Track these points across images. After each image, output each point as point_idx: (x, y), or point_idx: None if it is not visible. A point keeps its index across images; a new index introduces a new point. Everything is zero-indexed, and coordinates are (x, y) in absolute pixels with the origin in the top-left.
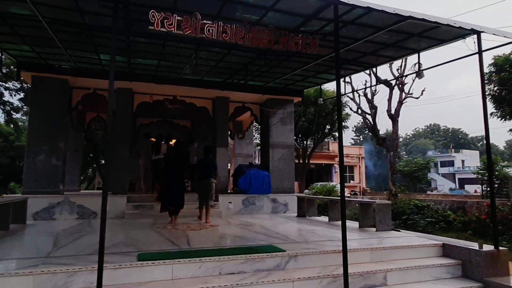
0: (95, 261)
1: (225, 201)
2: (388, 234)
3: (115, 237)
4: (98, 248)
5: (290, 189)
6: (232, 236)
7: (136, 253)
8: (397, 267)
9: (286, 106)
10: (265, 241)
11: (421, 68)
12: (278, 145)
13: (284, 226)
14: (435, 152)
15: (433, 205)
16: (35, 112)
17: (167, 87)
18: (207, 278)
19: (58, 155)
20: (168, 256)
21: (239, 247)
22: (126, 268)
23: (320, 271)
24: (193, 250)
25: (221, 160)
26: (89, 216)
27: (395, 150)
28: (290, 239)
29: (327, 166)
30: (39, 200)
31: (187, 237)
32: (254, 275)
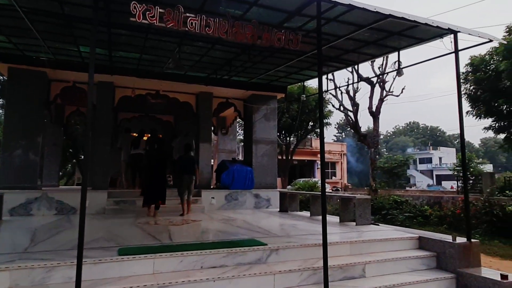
0: (74, 256)
1: (208, 197)
2: (367, 228)
3: (95, 233)
4: (78, 243)
5: (273, 185)
6: (215, 231)
7: (116, 248)
8: (375, 259)
9: (269, 102)
10: (247, 235)
11: (401, 66)
12: (262, 141)
13: (266, 221)
14: (414, 149)
15: (411, 200)
16: (12, 106)
17: (149, 81)
18: (188, 272)
19: (36, 150)
20: (149, 250)
21: (221, 241)
22: (107, 262)
23: (301, 264)
24: (175, 245)
25: (204, 155)
26: (68, 211)
27: (376, 147)
28: (272, 233)
29: (310, 162)
30: (16, 196)
31: (169, 232)
32: (236, 268)
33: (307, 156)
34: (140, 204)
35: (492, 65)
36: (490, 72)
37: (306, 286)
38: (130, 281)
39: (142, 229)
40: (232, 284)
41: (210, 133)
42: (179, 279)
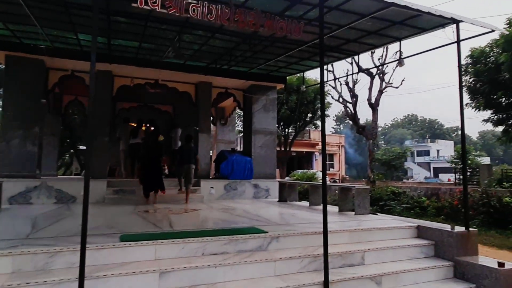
0: (76, 242)
1: (207, 186)
2: (366, 217)
3: (96, 220)
4: (81, 228)
5: (272, 175)
6: (215, 219)
7: (118, 235)
8: (374, 247)
9: (269, 92)
10: (247, 223)
11: (402, 57)
12: (261, 131)
13: (265, 210)
14: (412, 142)
15: (409, 191)
16: (9, 94)
17: (148, 70)
18: (190, 258)
19: (34, 139)
20: (151, 237)
21: (222, 229)
22: (109, 248)
23: (301, 252)
24: (176, 232)
25: (204, 145)
26: (68, 200)
27: (374, 139)
28: (272, 221)
29: (308, 154)
30: (15, 184)
31: (169, 220)
32: (237, 255)
33: (305, 148)
34: (140, 193)
35: (492, 57)
36: (490, 64)
37: (306, 273)
38: (133, 267)
39: (143, 217)
40: (233, 270)
41: (209, 123)
42: (181, 265)
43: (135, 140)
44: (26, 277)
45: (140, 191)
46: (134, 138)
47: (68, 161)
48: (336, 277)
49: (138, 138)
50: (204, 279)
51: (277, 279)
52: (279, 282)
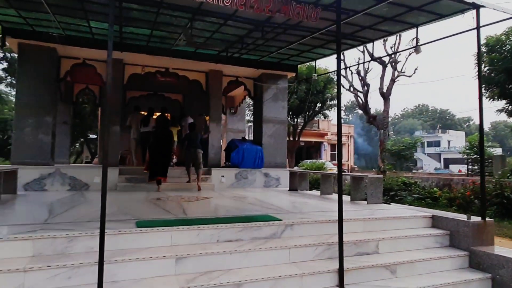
0: (93, 227)
1: (218, 175)
2: (379, 206)
3: (110, 207)
4: (100, 213)
5: (283, 164)
6: (228, 207)
7: (134, 221)
8: (389, 236)
9: (279, 81)
10: (260, 211)
11: (418, 43)
12: (271, 120)
13: (277, 198)
14: (423, 133)
15: (420, 182)
16: (22, 83)
17: (159, 58)
18: (205, 245)
19: (47, 127)
20: (166, 223)
21: (236, 216)
22: (126, 234)
23: (315, 240)
24: (191, 219)
25: (214, 134)
26: (81, 187)
27: (386, 128)
28: (285, 210)
29: (317, 143)
30: (30, 171)
31: (182, 207)
32: (252, 242)
33: (314, 138)
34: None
35: (508, 45)
36: (506, 53)
37: (320, 261)
38: (149, 252)
39: (156, 205)
40: (248, 257)
41: (219, 112)
42: (197, 251)
43: (146, 129)
44: (46, 261)
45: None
46: (145, 127)
47: (78, 150)
48: (350, 265)
49: (149, 126)
50: (219, 265)
51: (292, 266)
52: (294, 269)
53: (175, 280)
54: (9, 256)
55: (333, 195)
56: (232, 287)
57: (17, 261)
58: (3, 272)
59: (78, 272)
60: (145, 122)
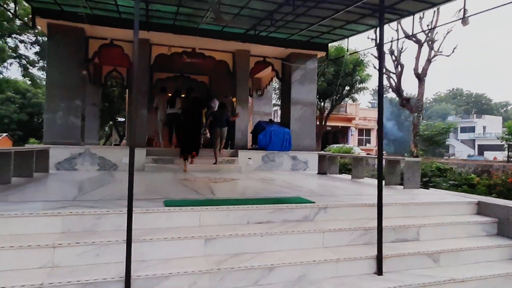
0: (121, 205)
1: (245, 157)
2: (417, 191)
3: (138, 186)
4: (127, 192)
5: (311, 147)
6: (256, 189)
7: (162, 200)
8: (430, 222)
9: (309, 61)
10: (291, 194)
11: (466, 15)
12: (300, 102)
13: (307, 181)
14: (456, 118)
15: (456, 168)
16: (52, 64)
17: (185, 38)
18: (235, 226)
19: (77, 107)
20: (195, 203)
21: (267, 198)
22: (154, 213)
23: (351, 224)
24: (220, 199)
25: (241, 116)
26: (110, 167)
27: (420, 111)
28: (316, 192)
29: (344, 128)
30: (61, 151)
31: (210, 188)
32: (283, 225)
33: (341, 122)
34: (179, 161)
35: None
36: None
37: (357, 246)
38: (178, 232)
39: (183, 185)
40: (279, 240)
41: (247, 93)
42: (226, 233)
43: (172, 110)
44: (75, 237)
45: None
46: (171, 108)
47: (107, 133)
48: (389, 252)
49: (175, 108)
50: (249, 247)
51: (326, 251)
52: (328, 254)
53: (205, 262)
54: (39, 232)
55: (364, 179)
56: (263, 271)
57: (46, 237)
58: (32, 247)
59: (106, 250)
60: (171, 104)
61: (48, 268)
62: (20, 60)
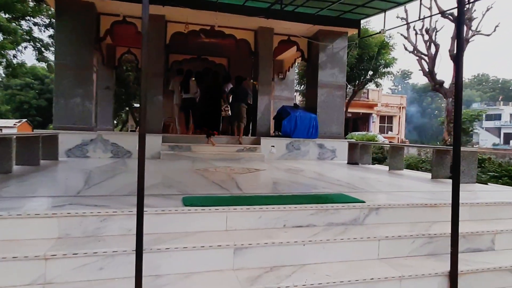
0: (132, 204)
1: (268, 145)
2: (474, 187)
3: (153, 178)
4: (137, 190)
5: (339, 134)
6: (287, 182)
7: (180, 196)
8: (508, 228)
9: (338, 39)
10: (330, 189)
11: None
12: (328, 84)
13: (340, 173)
14: (481, 105)
15: (495, 158)
16: (61, 42)
17: (204, 14)
18: (269, 231)
19: (88, 89)
20: (220, 202)
21: (305, 195)
22: (171, 214)
23: (410, 229)
24: (249, 196)
25: (264, 100)
26: (123, 155)
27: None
28: (359, 187)
29: (365, 115)
30: (71, 137)
31: (234, 181)
32: (328, 230)
33: (362, 109)
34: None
35: None
36: None
37: (419, 258)
38: (200, 238)
39: (204, 176)
40: (325, 250)
41: (269, 75)
42: (260, 240)
43: (187, 95)
44: (73, 245)
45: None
46: (186, 93)
47: (124, 119)
48: (464, 267)
49: (190, 93)
50: (289, 259)
51: (384, 265)
52: (387, 269)
53: (235, 277)
54: (30, 237)
55: (403, 170)
56: None
57: (38, 245)
58: (19, 259)
59: (111, 262)
60: (185, 88)
61: (38, 285)
62: (34, 43)
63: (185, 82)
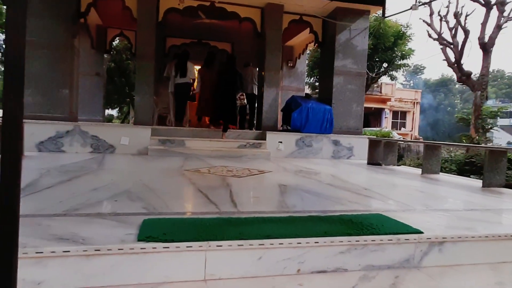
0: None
1: (274, 141)
2: None
3: (121, 183)
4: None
5: (357, 130)
6: (300, 191)
7: (141, 218)
8: None
9: (360, 19)
10: (358, 203)
11: None
12: (345, 72)
13: (364, 177)
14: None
15: None
16: (32, 14)
17: None
18: (274, 280)
19: (64, 70)
20: (199, 231)
21: (328, 217)
22: (112, 256)
23: (499, 278)
24: (245, 219)
25: (271, 89)
26: (105, 149)
27: (484, 89)
28: (398, 201)
29: (377, 110)
30: (43, 127)
31: (229, 189)
32: (367, 278)
33: (374, 103)
34: (190, 144)
35: None
36: None
37: None
38: None
39: (190, 181)
40: None
41: (278, 60)
42: None
43: (183, 80)
44: None
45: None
46: (181, 77)
47: (126, 111)
48: None
49: (186, 77)
50: None
51: None
52: None
53: None
54: None
55: (440, 174)
56: None
57: None
58: None
59: None
60: (182, 71)
61: None
62: None
63: (180, 64)
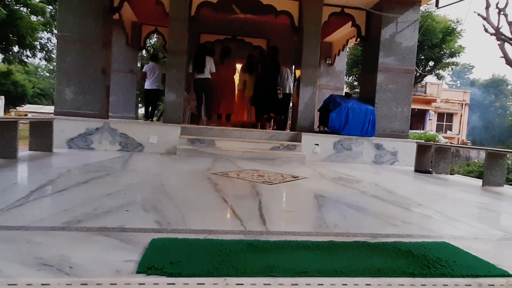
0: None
1: (310, 143)
2: None
3: (140, 187)
4: None
5: (403, 133)
6: (341, 205)
7: (150, 237)
8: None
9: (409, 11)
10: (415, 224)
11: None
12: (391, 68)
13: (414, 188)
14: None
15: None
16: (65, 9)
17: None
18: None
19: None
20: (215, 263)
21: (379, 244)
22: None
23: None
24: (274, 244)
25: (308, 87)
26: (134, 148)
27: None
28: (467, 224)
29: (420, 111)
30: (74, 124)
31: (258, 198)
32: None
33: (418, 104)
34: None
35: None
36: None
37: None
38: None
39: (215, 187)
40: None
41: (316, 56)
42: None
43: (201, 75)
44: None
45: (221, 142)
46: (199, 72)
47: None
48: None
49: (205, 72)
50: None
51: None
52: None
53: None
54: None
55: (504, 187)
56: None
57: None
58: None
59: None
60: (199, 67)
61: None
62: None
63: (199, 59)
